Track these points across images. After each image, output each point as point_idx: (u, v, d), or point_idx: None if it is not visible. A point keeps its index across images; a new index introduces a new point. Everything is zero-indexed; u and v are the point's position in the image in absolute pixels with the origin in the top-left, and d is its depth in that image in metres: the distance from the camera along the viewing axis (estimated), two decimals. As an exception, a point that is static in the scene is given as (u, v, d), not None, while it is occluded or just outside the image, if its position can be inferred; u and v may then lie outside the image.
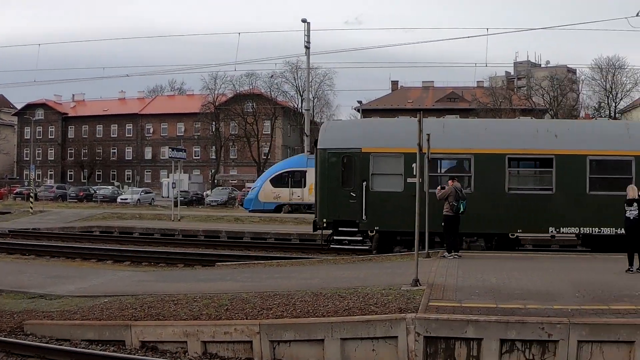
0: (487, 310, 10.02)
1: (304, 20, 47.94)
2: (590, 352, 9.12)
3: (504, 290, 11.80)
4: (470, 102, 75.12)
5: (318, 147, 21.01)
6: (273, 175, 42.42)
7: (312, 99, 71.60)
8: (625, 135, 19.65)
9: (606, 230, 18.63)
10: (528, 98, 76.90)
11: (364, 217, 19.96)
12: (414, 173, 17.72)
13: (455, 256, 16.87)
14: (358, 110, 73.32)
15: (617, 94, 76.02)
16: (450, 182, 17.62)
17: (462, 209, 17.06)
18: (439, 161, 20.34)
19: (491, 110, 67.75)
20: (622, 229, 15.36)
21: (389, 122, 27.47)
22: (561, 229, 19.22)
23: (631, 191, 14.44)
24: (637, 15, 61.41)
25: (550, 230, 19.35)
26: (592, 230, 18.92)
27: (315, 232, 21.93)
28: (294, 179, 41.08)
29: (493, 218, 19.24)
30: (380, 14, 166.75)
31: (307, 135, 51.39)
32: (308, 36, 47.80)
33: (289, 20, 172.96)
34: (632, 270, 14.04)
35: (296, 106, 79.63)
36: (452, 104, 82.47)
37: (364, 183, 19.98)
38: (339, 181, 20.50)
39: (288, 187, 41.06)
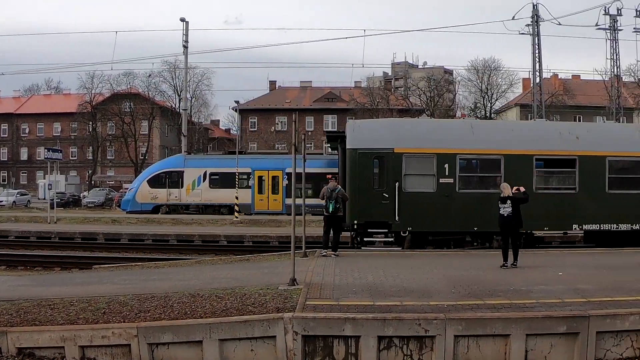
0: (365, 308, 10.20)
1: (182, 20, 47.76)
2: (467, 346, 9.42)
3: (381, 287, 12.04)
4: (348, 102, 76.21)
5: (348, 147, 20.45)
6: (150, 176, 41.86)
7: (189, 98, 71.12)
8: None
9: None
10: (405, 98, 78.67)
11: (396, 218, 19.80)
12: (446, 173, 19.71)
13: (333, 255, 17.25)
14: (236, 110, 73.17)
15: (492, 94, 79.48)
16: (330, 179, 17.90)
17: (331, 209, 17.32)
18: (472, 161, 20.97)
19: (368, 110, 69.01)
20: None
21: (421, 122, 26.55)
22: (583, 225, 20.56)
23: (505, 189, 15.02)
24: (513, 18, 64.58)
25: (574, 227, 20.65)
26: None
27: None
28: (171, 179, 40.69)
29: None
30: (259, 14, 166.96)
31: (184, 136, 51.08)
32: (186, 35, 47.66)
33: (168, 19, 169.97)
34: (506, 266, 14.74)
35: (174, 106, 78.53)
36: (330, 104, 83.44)
37: (397, 184, 19.86)
38: (370, 182, 20.33)
39: (165, 188, 40.62)
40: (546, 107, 62.63)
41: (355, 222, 20.07)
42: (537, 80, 56.01)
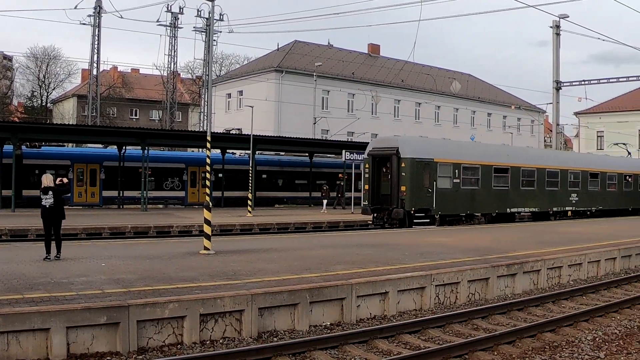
0: None
1: None
2: (6, 343, 8.77)
3: None
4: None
5: (402, 156, 27.98)
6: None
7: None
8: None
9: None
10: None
11: (434, 206, 28.68)
12: (456, 176, 29.87)
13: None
14: None
15: (50, 83, 76.43)
16: None
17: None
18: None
19: None
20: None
21: (446, 141, 39.43)
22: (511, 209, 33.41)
23: (45, 179, 14.26)
24: (76, 7, 62.65)
25: (507, 209, 33.17)
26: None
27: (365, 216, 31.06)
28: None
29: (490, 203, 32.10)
30: None
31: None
32: None
33: None
34: (49, 259, 14.08)
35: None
36: None
37: (434, 183, 28.62)
38: (421, 181, 28.32)
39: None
40: (103, 98, 62.73)
41: (413, 208, 28.05)
42: (95, 71, 55.79)
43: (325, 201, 40.94)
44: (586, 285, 16.14)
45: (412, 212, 28.02)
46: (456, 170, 29.66)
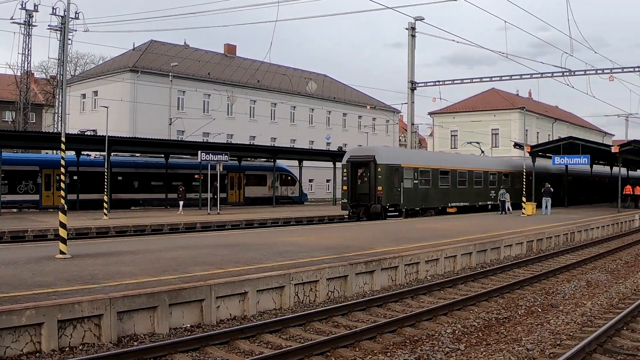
0: None
1: None
2: None
3: None
4: None
5: (378, 162, 34.74)
6: None
7: None
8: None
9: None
10: None
11: (402, 202, 35.81)
12: (416, 178, 37.32)
13: None
14: None
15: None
16: None
17: None
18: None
19: None
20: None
21: (409, 150, 46.50)
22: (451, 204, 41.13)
23: None
24: None
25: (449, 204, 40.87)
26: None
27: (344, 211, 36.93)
28: None
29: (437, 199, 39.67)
30: None
31: None
32: None
33: None
34: None
35: None
36: None
37: (402, 183, 35.79)
38: (392, 182, 35.22)
39: None
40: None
41: (388, 204, 34.87)
42: None
43: (182, 202, 40.55)
44: (443, 280, 16.48)
45: (387, 207, 34.82)
46: (415, 174, 37.12)
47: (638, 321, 12.26)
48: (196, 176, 46.66)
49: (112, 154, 40.33)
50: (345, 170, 35.99)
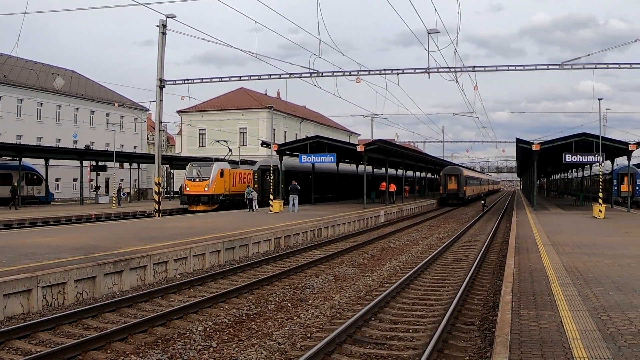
0: None
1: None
2: None
3: None
4: None
5: (283, 169, 46.96)
6: None
7: None
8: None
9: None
10: None
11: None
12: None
13: None
14: None
15: None
16: None
17: None
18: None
19: None
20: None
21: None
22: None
23: None
24: None
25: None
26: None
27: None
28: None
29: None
30: None
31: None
32: None
33: None
34: None
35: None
36: None
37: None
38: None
39: None
40: None
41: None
42: None
43: None
44: (193, 278, 16.32)
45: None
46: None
47: (385, 312, 12.86)
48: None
49: None
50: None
